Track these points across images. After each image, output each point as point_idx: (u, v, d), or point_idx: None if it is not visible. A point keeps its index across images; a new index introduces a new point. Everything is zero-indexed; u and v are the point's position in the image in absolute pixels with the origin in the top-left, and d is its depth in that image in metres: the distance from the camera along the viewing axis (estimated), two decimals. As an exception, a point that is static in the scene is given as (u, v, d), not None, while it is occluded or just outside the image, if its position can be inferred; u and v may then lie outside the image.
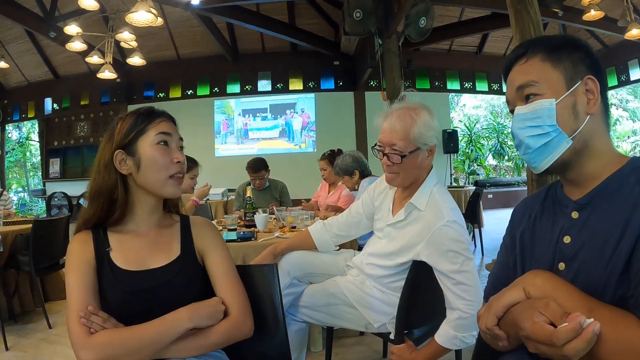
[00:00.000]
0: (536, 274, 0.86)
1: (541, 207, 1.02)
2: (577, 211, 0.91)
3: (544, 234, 0.97)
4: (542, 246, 0.96)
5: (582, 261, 0.87)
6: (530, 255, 0.99)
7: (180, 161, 1.20)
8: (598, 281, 0.82)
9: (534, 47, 0.95)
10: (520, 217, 1.07)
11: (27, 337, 3.19)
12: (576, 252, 0.88)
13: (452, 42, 9.73)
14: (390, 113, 1.72)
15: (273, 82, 10.09)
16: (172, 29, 9.19)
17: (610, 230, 0.83)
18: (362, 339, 2.89)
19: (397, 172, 1.72)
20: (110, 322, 1.07)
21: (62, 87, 10.31)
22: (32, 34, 8.95)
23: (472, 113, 17.65)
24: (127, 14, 4.17)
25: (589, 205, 0.90)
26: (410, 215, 1.73)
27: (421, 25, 6.05)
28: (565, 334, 0.71)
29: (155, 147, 1.18)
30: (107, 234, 1.20)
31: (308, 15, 8.92)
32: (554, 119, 0.90)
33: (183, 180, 1.23)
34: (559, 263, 0.91)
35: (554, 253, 0.92)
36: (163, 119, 1.22)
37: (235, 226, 2.96)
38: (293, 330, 1.87)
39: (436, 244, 1.61)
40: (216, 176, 8.62)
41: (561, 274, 0.88)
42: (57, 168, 10.69)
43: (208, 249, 1.26)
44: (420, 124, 1.67)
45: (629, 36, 5.97)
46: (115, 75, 6.17)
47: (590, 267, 0.85)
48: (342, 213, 2.13)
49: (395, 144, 1.68)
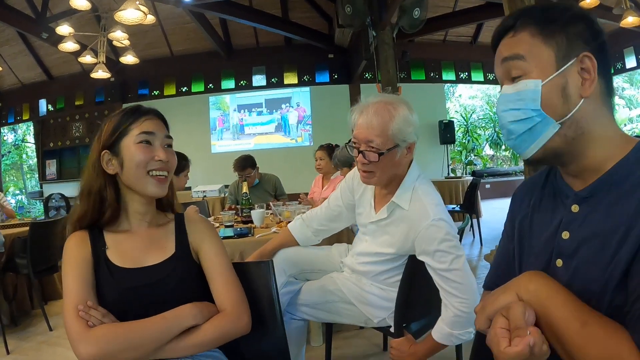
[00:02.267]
0: (530, 277, 0.79)
1: (540, 194, 0.94)
2: (578, 204, 0.83)
3: (543, 225, 0.90)
4: (540, 238, 0.89)
5: (580, 261, 0.80)
6: (529, 246, 0.93)
7: (162, 159, 1.18)
8: (595, 286, 0.76)
9: (524, 19, 0.83)
10: (519, 203, 1.00)
11: (27, 340, 3.19)
12: (575, 250, 0.81)
13: (446, 33, 9.69)
14: (366, 107, 1.61)
15: (268, 76, 10.05)
16: (165, 26, 9.14)
17: (612, 230, 0.75)
18: (361, 333, 2.90)
19: (373, 171, 1.61)
20: (109, 317, 1.07)
21: (56, 88, 10.26)
22: (24, 36, 8.88)
23: (468, 103, 17.64)
24: (116, 13, 4.14)
25: (590, 198, 0.81)
26: (394, 214, 1.67)
27: (415, 16, 6.03)
28: (512, 355, 0.69)
29: (137, 147, 1.16)
30: (103, 233, 1.21)
31: (301, 8, 8.88)
32: (538, 102, 0.80)
33: (167, 179, 1.21)
34: (556, 259, 0.84)
35: (551, 248, 0.85)
36: (148, 118, 1.20)
37: (232, 222, 2.96)
38: (292, 328, 1.85)
39: (424, 243, 1.56)
40: (213, 172, 8.62)
41: (559, 271, 0.83)
42: (53, 169, 10.65)
43: (202, 245, 1.26)
44: (399, 120, 1.56)
45: (625, 24, 5.95)
46: (109, 74, 6.15)
47: (588, 269, 0.78)
48: (320, 205, 2.05)
49: (371, 140, 1.56)
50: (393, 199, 1.65)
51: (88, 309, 1.05)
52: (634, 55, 8.81)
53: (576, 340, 0.70)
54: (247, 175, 4.14)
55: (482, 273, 3.89)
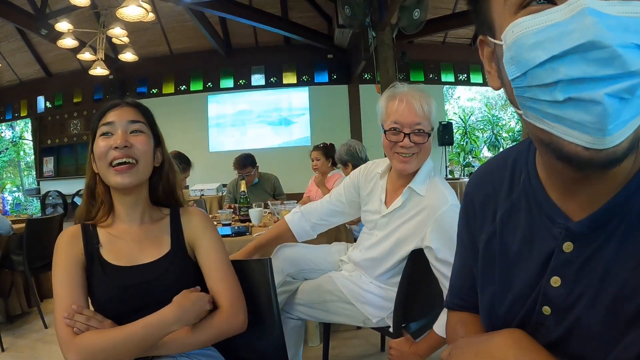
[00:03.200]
0: (509, 343, 0.62)
1: (509, 204, 0.71)
2: (572, 242, 0.60)
3: (520, 254, 0.67)
4: (516, 275, 0.68)
5: (580, 319, 0.60)
6: (501, 279, 0.71)
7: (118, 145, 1.11)
8: (603, 351, 0.57)
9: None
10: (481, 211, 0.77)
11: (23, 337, 3.17)
12: (571, 305, 0.61)
13: (446, 34, 9.68)
14: (404, 94, 1.65)
15: (267, 76, 10.02)
16: (164, 24, 9.11)
17: (625, 278, 0.55)
18: (359, 333, 2.89)
19: (416, 154, 1.65)
20: (95, 319, 1.05)
21: (54, 85, 10.22)
22: (23, 32, 8.85)
23: (467, 105, 17.67)
24: (118, 9, 4.13)
25: (593, 234, 0.58)
26: (409, 202, 1.67)
27: (415, 17, 6.02)
28: None
29: (99, 139, 1.15)
30: (97, 230, 1.19)
31: (301, 8, 8.86)
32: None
33: (131, 167, 1.12)
34: (542, 306, 0.64)
35: (536, 292, 0.65)
36: (112, 110, 1.18)
37: (230, 221, 2.95)
38: (289, 328, 1.84)
39: (441, 228, 1.56)
40: (210, 171, 8.60)
41: (547, 320, 0.64)
42: (51, 166, 10.61)
43: (198, 240, 1.23)
44: (434, 106, 1.66)
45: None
46: (108, 71, 6.14)
47: (591, 329, 0.58)
48: (321, 199, 2.05)
49: (419, 122, 1.62)
50: (410, 184, 1.67)
51: (73, 314, 1.04)
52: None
53: None
54: (247, 174, 4.14)
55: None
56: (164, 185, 1.27)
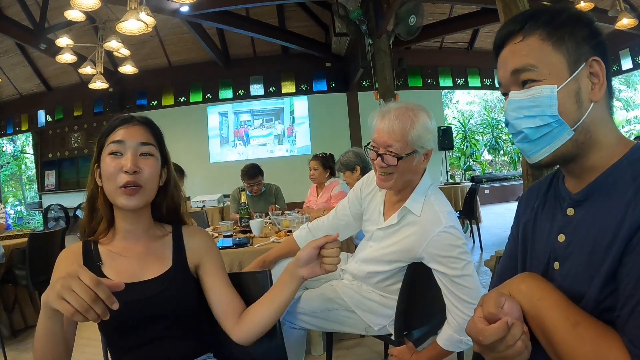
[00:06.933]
0: (523, 279, 0.81)
1: (543, 199, 0.95)
2: (573, 208, 0.84)
3: (543, 228, 0.91)
4: (541, 242, 0.90)
5: (572, 264, 0.81)
6: (531, 249, 0.93)
7: (127, 170, 1.09)
8: (585, 288, 0.77)
9: (532, 23, 0.81)
10: (524, 207, 1.00)
11: (27, 351, 3.17)
12: (569, 253, 0.82)
13: (442, 39, 9.74)
14: (387, 112, 1.63)
15: (265, 85, 10.08)
16: (163, 37, 9.19)
17: (602, 233, 0.76)
18: (362, 341, 2.89)
19: (391, 174, 1.63)
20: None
21: (54, 99, 10.29)
22: (22, 47, 8.92)
23: (466, 109, 17.66)
24: (117, 23, 4.15)
25: (584, 201, 0.82)
26: (404, 220, 1.67)
27: (411, 23, 6.05)
28: (490, 332, 0.70)
29: (107, 158, 1.12)
30: (98, 247, 1.18)
31: (298, 17, 8.93)
32: (555, 108, 0.78)
33: (139, 191, 1.11)
34: (553, 262, 0.85)
35: (550, 250, 0.86)
36: (123, 127, 1.15)
37: (231, 232, 2.95)
38: (291, 338, 1.83)
39: (435, 250, 1.57)
40: (211, 182, 8.62)
41: (556, 273, 0.84)
42: (52, 180, 10.67)
43: (202, 260, 1.25)
44: (419, 127, 1.59)
45: (620, 26, 5.97)
46: (107, 85, 6.15)
47: (579, 272, 0.79)
48: (327, 215, 2.06)
49: (391, 145, 1.59)
50: (405, 204, 1.66)
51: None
52: (630, 57, 8.84)
53: (567, 340, 0.71)
54: (257, 183, 4.13)
55: (483, 278, 3.89)
56: (168, 204, 1.27)
